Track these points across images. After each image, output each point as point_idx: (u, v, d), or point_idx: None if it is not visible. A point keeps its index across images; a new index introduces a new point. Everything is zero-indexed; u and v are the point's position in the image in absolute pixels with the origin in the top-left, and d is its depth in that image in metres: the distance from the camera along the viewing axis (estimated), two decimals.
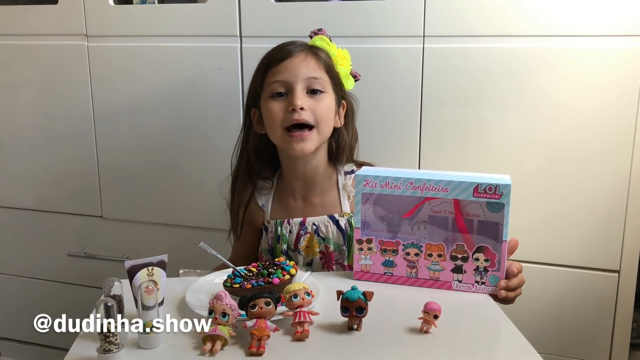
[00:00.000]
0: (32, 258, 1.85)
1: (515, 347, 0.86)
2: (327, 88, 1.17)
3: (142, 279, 0.92)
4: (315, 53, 1.17)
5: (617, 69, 1.26)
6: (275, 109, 1.14)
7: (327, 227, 1.20)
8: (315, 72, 1.15)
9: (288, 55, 1.15)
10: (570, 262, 1.37)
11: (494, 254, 0.98)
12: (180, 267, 1.15)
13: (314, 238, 1.21)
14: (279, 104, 1.14)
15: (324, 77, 1.16)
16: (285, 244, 1.22)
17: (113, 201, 1.70)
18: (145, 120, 1.60)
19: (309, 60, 1.15)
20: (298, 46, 1.17)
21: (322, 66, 1.17)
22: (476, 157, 1.38)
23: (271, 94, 1.15)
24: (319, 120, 1.14)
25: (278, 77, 1.14)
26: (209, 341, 0.83)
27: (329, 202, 1.23)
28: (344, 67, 1.22)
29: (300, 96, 1.12)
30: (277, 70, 1.15)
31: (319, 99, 1.15)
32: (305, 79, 1.14)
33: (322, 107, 1.14)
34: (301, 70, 1.14)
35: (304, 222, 1.21)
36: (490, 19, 1.31)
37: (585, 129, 1.30)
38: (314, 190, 1.23)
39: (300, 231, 1.21)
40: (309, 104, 1.13)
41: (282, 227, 1.22)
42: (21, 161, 1.77)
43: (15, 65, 1.70)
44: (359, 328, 0.89)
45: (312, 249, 1.21)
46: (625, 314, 1.36)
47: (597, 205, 1.33)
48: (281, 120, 1.14)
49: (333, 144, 1.24)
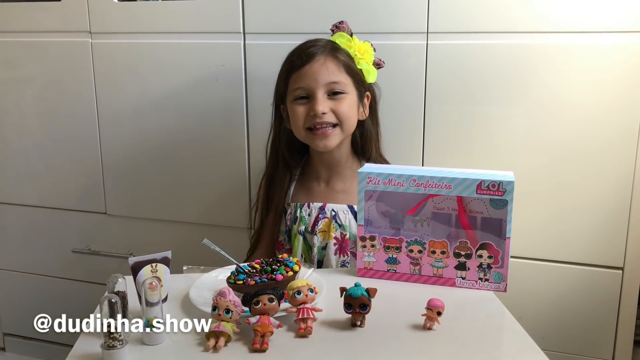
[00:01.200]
0: (37, 254, 1.85)
1: (519, 344, 0.86)
2: (347, 89, 1.21)
3: (146, 275, 0.92)
4: (334, 55, 1.21)
5: (621, 66, 1.25)
6: (299, 112, 1.20)
7: (346, 216, 1.25)
8: (334, 76, 1.19)
9: (308, 60, 1.19)
10: (574, 259, 1.37)
11: (497, 251, 0.97)
12: (183, 264, 1.16)
13: (331, 223, 1.25)
14: (302, 108, 1.20)
15: (344, 78, 1.21)
16: (304, 225, 1.26)
17: (117, 198, 1.70)
18: (149, 117, 1.61)
19: (328, 64, 1.19)
20: (319, 48, 1.20)
21: (341, 67, 1.21)
22: (480, 154, 1.38)
23: (294, 97, 1.21)
24: (342, 119, 1.20)
25: (299, 83, 1.20)
26: (212, 337, 0.84)
27: (350, 191, 1.26)
28: (365, 62, 1.26)
29: (320, 102, 1.18)
30: (298, 76, 1.20)
31: (340, 99, 1.20)
32: (326, 84, 1.19)
33: (343, 108, 1.20)
34: (321, 75, 1.18)
35: (324, 207, 1.26)
36: (494, 16, 1.30)
37: (589, 126, 1.30)
38: (337, 178, 1.29)
39: (319, 215, 1.26)
40: (330, 106, 1.19)
41: (302, 210, 1.27)
42: (25, 158, 1.78)
43: (20, 62, 1.71)
44: (362, 325, 0.89)
45: (328, 233, 1.25)
46: (629, 310, 1.36)
47: (601, 203, 1.32)
48: (304, 123, 1.21)
49: (357, 135, 1.29)
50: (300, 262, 1.04)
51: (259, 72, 1.46)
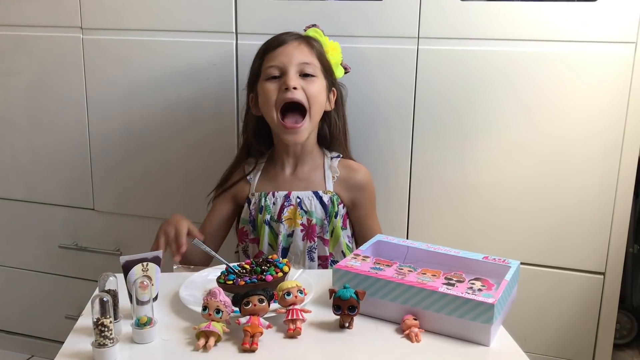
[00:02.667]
0: (23, 249, 1.84)
1: (502, 346, 0.88)
2: (318, 73, 1.25)
3: (137, 274, 0.93)
4: (308, 41, 1.27)
5: (606, 74, 1.28)
6: (270, 89, 1.23)
7: (311, 202, 1.27)
8: (307, 58, 1.24)
9: (283, 42, 1.25)
10: (556, 264, 1.40)
11: (492, 284, 0.92)
12: (173, 262, 1.16)
13: (296, 210, 1.27)
14: (273, 85, 1.23)
15: (316, 62, 1.25)
16: (269, 214, 1.28)
17: (105, 194, 1.70)
18: (139, 114, 1.60)
19: (302, 47, 1.25)
20: (293, 35, 1.27)
21: (314, 53, 1.26)
22: (468, 158, 1.40)
23: (267, 77, 1.24)
24: (311, 101, 1.23)
25: (273, 62, 1.23)
26: (202, 337, 0.85)
27: (314, 180, 1.30)
28: (334, 57, 1.31)
29: (293, 77, 1.21)
30: (272, 56, 1.24)
31: (311, 81, 1.24)
32: (299, 64, 1.23)
33: (313, 89, 1.23)
34: (295, 55, 1.23)
35: (289, 195, 1.28)
36: (484, 23, 1.32)
37: (574, 133, 1.32)
38: (302, 167, 1.31)
39: (284, 203, 1.27)
40: (301, 84, 1.22)
41: (267, 199, 1.28)
42: (12, 151, 1.77)
43: (8, 55, 1.70)
44: (350, 326, 0.91)
45: (294, 221, 1.27)
46: (609, 314, 1.39)
47: (584, 209, 1.35)
48: (275, 99, 1.22)
49: (326, 129, 1.33)
50: (290, 263, 1.05)
51: None
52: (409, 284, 0.91)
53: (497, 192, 1.39)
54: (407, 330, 0.89)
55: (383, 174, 1.43)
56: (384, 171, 1.43)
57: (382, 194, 1.41)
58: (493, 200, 1.40)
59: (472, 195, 1.41)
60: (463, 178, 1.41)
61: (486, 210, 1.41)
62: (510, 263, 1.00)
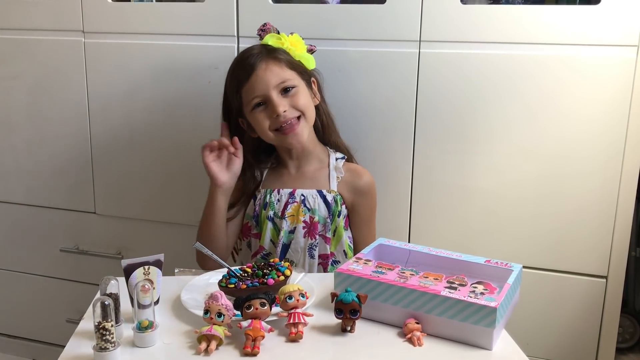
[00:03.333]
0: (24, 253, 1.84)
1: (504, 350, 0.88)
2: (296, 82, 1.26)
3: (139, 277, 0.93)
4: (273, 57, 1.25)
5: (609, 78, 1.28)
6: (261, 119, 1.25)
7: (315, 200, 1.29)
8: (281, 76, 1.23)
9: (252, 70, 1.23)
10: (558, 267, 1.39)
11: (494, 288, 0.93)
12: (172, 265, 1.16)
13: (300, 207, 1.29)
14: (262, 114, 1.25)
15: (290, 74, 1.25)
16: (272, 210, 1.30)
17: (106, 197, 1.70)
18: (141, 118, 1.60)
19: (271, 67, 1.24)
20: (257, 56, 1.24)
21: (284, 65, 1.25)
22: (469, 162, 1.39)
23: (252, 107, 1.25)
24: (302, 110, 1.25)
25: (253, 93, 1.24)
26: (204, 341, 0.85)
27: (319, 178, 1.32)
28: (299, 51, 1.30)
29: (278, 102, 1.22)
30: (249, 87, 1.24)
31: (294, 94, 1.24)
32: (276, 85, 1.23)
33: (300, 100, 1.25)
34: (269, 78, 1.22)
35: (294, 193, 1.30)
36: (486, 26, 1.32)
37: (576, 136, 1.32)
38: (308, 165, 1.33)
39: (288, 200, 1.30)
40: (287, 103, 1.23)
41: (271, 195, 1.31)
42: (14, 155, 1.77)
43: (10, 59, 1.70)
44: (352, 330, 0.90)
45: (297, 217, 1.28)
46: (612, 318, 1.38)
47: (586, 212, 1.35)
48: (269, 125, 1.25)
49: (318, 122, 1.33)
50: (291, 266, 1.05)
51: None
52: (411, 287, 0.91)
53: (499, 196, 1.39)
54: (409, 334, 0.89)
55: (385, 178, 1.42)
56: (386, 175, 1.43)
57: (384, 198, 1.41)
58: (495, 203, 1.40)
59: (474, 198, 1.41)
60: (465, 181, 1.40)
61: (488, 214, 1.41)
62: (512, 267, 1.00)
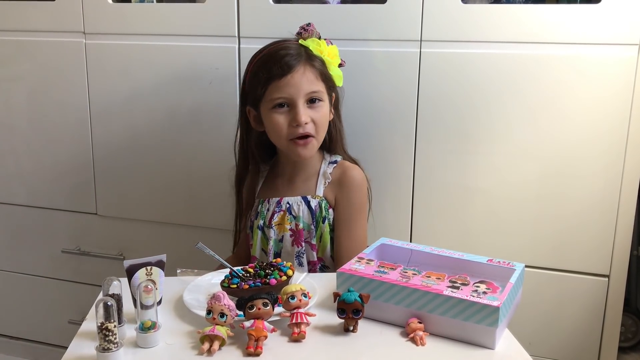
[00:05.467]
0: (25, 254, 1.84)
1: (507, 349, 0.88)
2: (324, 97, 1.23)
3: (141, 278, 0.93)
4: (311, 64, 1.22)
5: (610, 77, 1.27)
6: (280, 122, 1.20)
7: (299, 207, 1.27)
8: (314, 86, 1.20)
9: (289, 71, 1.18)
10: (561, 267, 1.39)
11: (497, 287, 0.93)
12: (174, 266, 1.16)
13: (285, 215, 1.27)
14: (282, 117, 1.20)
15: (322, 87, 1.23)
16: (262, 220, 1.29)
17: (108, 198, 1.70)
18: (142, 118, 1.60)
19: (307, 74, 1.20)
20: (295, 57, 1.20)
21: (318, 76, 1.22)
22: (471, 162, 1.39)
23: (273, 105, 1.21)
24: (318, 128, 1.22)
25: (281, 93, 1.19)
26: (207, 341, 0.85)
27: (307, 186, 1.30)
28: (334, 66, 1.28)
29: (302, 112, 1.19)
30: (279, 86, 1.19)
31: (318, 107, 1.22)
32: (306, 94, 1.20)
33: (321, 116, 1.22)
34: (302, 85, 1.19)
35: (280, 201, 1.29)
36: (487, 25, 1.32)
37: (577, 135, 1.32)
38: (300, 174, 1.31)
39: (275, 209, 1.28)
40: (309, 115, 1.20)
41: (262, 205, 1.30)
42: (15, 156, 1.77)
43: (11, 60, 1.70)
44: (354, 330, 0.90)
45: (283, 226, 1.27)
46: (614, 317, 1.38)
47: (588, 211, 1.34)
48: (286, 134, 1.21)
49: (326, 136, 1.31)
50: (293, 266, 1.05)
51: None
52: (413, 287, 0.91)
53: (501, 196, 1.39)
54: (412, 334, 0.89)
55: (386, 178, 1.42)
56: (387, 174, 1.43)
57: (386, 197, 1.41)
58: (497, 203, 1.40)
59: (476, 198, 1.41)
60: (466, 181, 1.40)
61: (490, 213, 1.41)
62: (515, 266, 1.00)
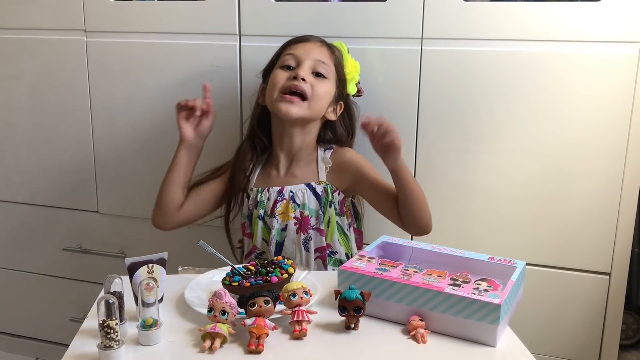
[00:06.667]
0: (27, 252, 1.84)
1: (508, 346, 0.88)
2: (330, 77, 1.27)
3: (143, 276, 0.93)
4: (330, 47, 1.30)
5: (611, 74, 1.27)
6: (280, 76, 1.26)
7: (304, 194, 1.28)
8: (324, 58, 1.27)
9: (306, 40, 1.29)
10: (562, 265, 1.39)
11: (498, 285, 0.92)
12: (177, 264, 1.16)
13: (289, 204, 1.28)
14: (285, 74, 1.25)
15: (331, 67, 1.27)
16: (263, 209, 1.30)
17: (109, 196, 1.70)
18: (143, 116, 1.61)
19: (322, 49, 1.28)
20: (317, 37, 1.31)
21: (332, 59, 1.28)
22: (472, 159, 1.39)
23: (281, 65, 1.27)
24: (314, 96, 1.24)
25: (291, 51, 1.27)
26: (208, 339, 0.85)
27: (308, 174, 1.31)
28: (351, 73, 1.32)
29: (305, 70, 1.24)
30: (292, 49, 1.28)
31: (321, 81, 1.26)
32: (314, 60, 1.25)
33: (320, 88, 1.25)
34: (313, 52, 1.26)
35: (282, 190, 1.30)
36: (488, 23, 1.32)
37: (579, 133, 1.32)
38: (296, 164, 1.32)
39: (277, 198, 1.29)
40: (310, 80, 1.24)
41: (262, 194, 1.31)
42: (16, 155, 1.77)
43: (12, 59, 1.70)
44: (356, 327, 0.90)
45: (287, 214, 1.28)
46: (615, 315, 1.38)
47: (589, 209, 1.34)
48: (281, 86, 1.24)
49: (329, 134, 1.34)
50: (295, 264, 1.05)
51: (254, 74, 1.46)
52: (414, 285, 0.91)
53: (502, 193, 1.39)
54: (413, 331, 0.89)
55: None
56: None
57: None
58: (497, 201, 1.40)
59: (477, 196, 1.41)
60: (467, 179, 1.40)
61: (491, 211, 1.41)
62: (516, 263, 1.00)
